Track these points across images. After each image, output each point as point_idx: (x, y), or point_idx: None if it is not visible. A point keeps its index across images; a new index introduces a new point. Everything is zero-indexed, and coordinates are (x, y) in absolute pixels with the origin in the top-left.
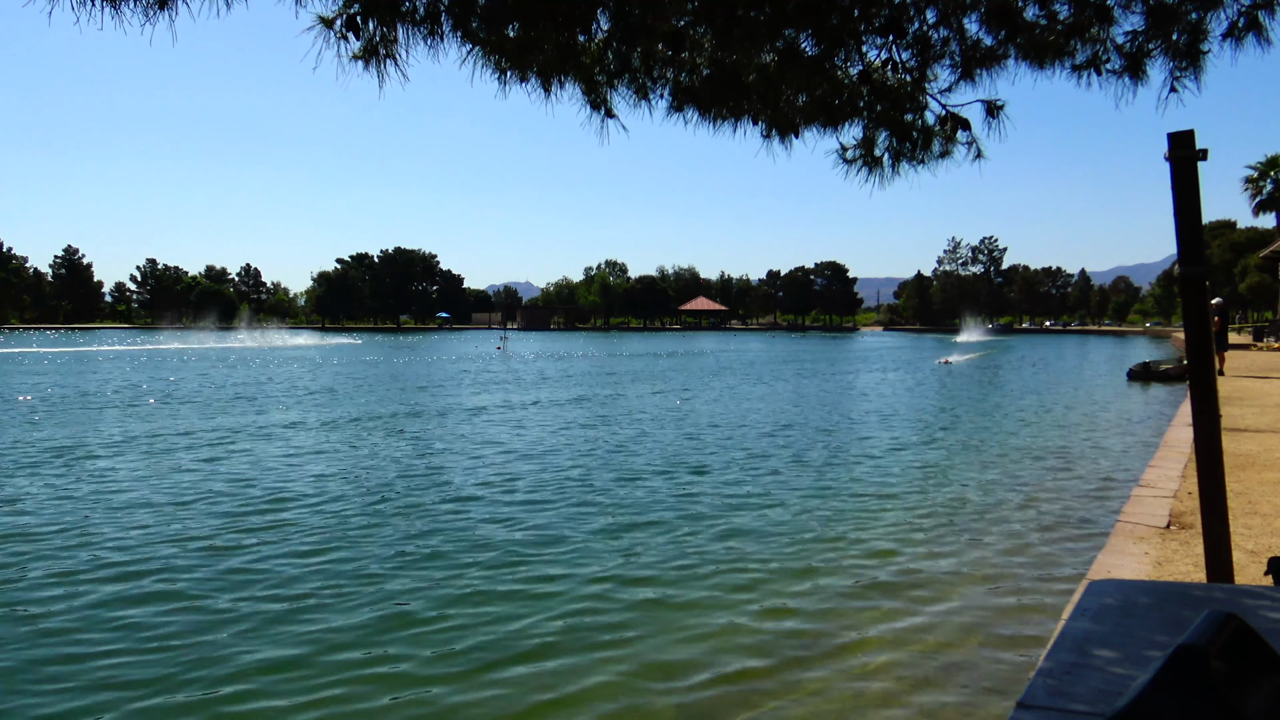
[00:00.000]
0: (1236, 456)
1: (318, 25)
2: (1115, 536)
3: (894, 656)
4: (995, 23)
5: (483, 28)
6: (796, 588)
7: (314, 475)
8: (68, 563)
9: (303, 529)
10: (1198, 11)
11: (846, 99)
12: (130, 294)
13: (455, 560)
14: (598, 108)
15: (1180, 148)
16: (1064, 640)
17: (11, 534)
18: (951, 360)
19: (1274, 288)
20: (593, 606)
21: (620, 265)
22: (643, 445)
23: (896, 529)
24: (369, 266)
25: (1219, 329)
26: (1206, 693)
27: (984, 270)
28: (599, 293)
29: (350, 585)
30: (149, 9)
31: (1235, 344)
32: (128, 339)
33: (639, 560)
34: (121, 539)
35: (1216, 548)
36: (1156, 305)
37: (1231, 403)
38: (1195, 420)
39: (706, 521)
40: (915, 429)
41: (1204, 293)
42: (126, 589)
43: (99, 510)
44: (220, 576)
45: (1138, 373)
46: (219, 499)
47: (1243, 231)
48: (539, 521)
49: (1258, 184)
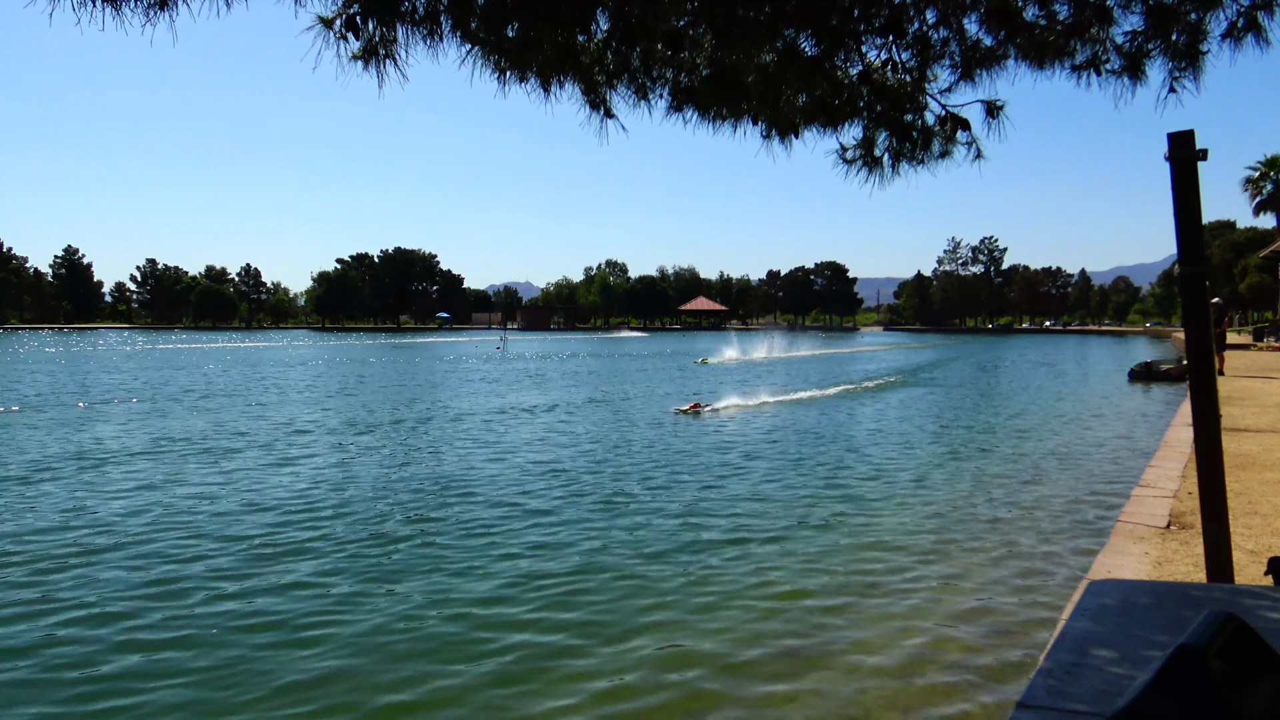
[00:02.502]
0: (1236, 456)
1: (317, 25)
2: (1115, 536)
3: (894, 656)
4: (995, 23)
5: (482, 28)
6: (795, 588)
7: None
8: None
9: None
10: (1197, 12)
11: (846, 99)
12: (130, 294)
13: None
14: (597, 108)
15: (1180, 148)
16: (1064, 640)
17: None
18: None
19: (1274, 288)
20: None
21: (620, 265)
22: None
23: (896, 528)
24: (369, 266)
25: (1219, 331)
26: (1206, 693)
27: (984, 270)
28: (599, 293)
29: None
30: (149, 9)
31: (1235, 344)
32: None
33: (621, 553)
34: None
35: (1216, 548)
36: (1156, 305)
37: (1231, 403)
38: (1195, 420)
39: (709, 523)
40: (914, 428)
41: (1204, 293)
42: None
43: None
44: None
45: (1139, 373)
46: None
47: (1243, 231)
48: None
49: (1258, 184)
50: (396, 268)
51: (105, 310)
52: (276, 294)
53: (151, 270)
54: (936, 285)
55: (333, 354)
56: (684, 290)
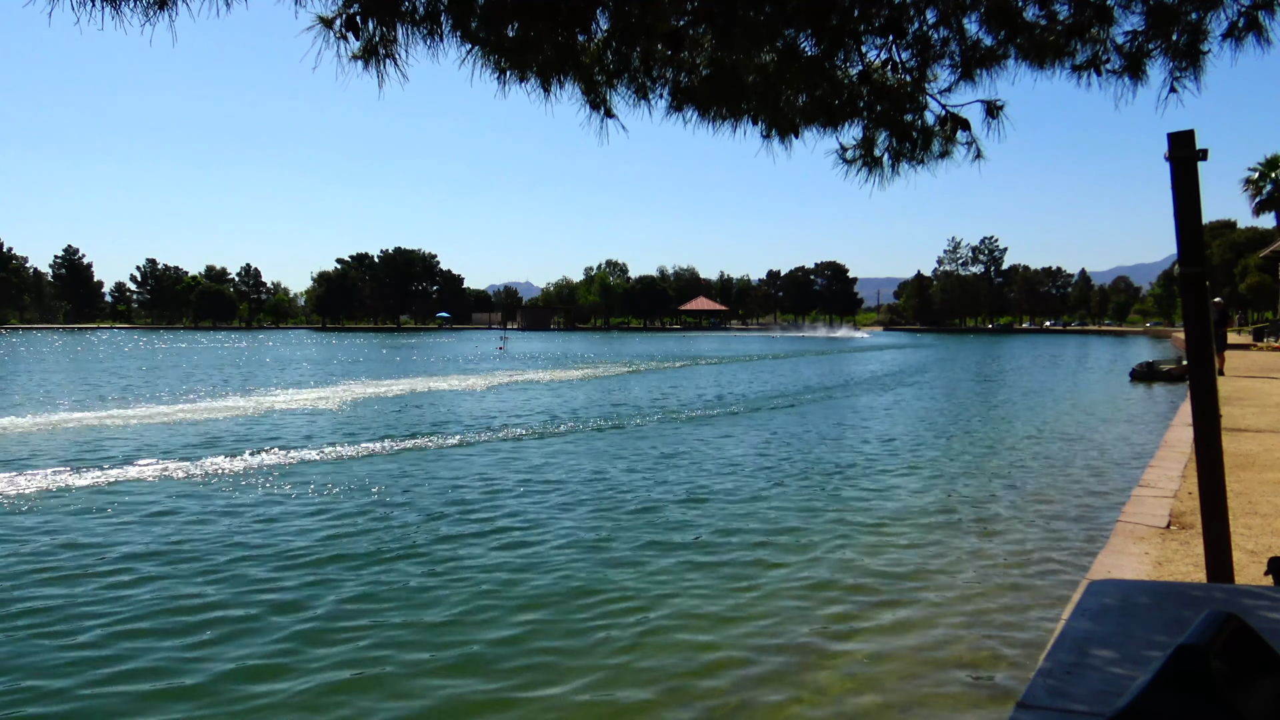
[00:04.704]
0: (1236, 456)
1: (317, 25)
2: (1115, 536)
3: (894, 656)
4: (995, 23)
5: (482, 28)
6: (795, 587)
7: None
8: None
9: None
10: (1198, 11)
11: (846, 99)
12: (130, 294)
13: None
14: (597, 108)
15: (1180, 148)
16: (1064, 640)
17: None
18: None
19: (1274, 288)
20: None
21: (620, 265)
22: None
23: (895, 528)
24: (369, 266)
25: (1221, 331)
26: (1206, 693)
27: (984, 270)
28: (599, 293)
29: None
30: (149, 9)
31: (1235, 344)
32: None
33: (617, 552)
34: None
35: (1216, 548)
36: (1156, 305)
37: (1231, 403)
38: (1195, 420)
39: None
40: (913, 427)
41: (1204, 293)
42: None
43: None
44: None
45: (1141, 373)
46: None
47: (1243, 231)
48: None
49: (1258, 184)
50: (396, 268)
51: (105, 310)
52: (276, 294)
53: (151, 270)
54: (936, 285)
55: (351, 353)
56: (684, 290)
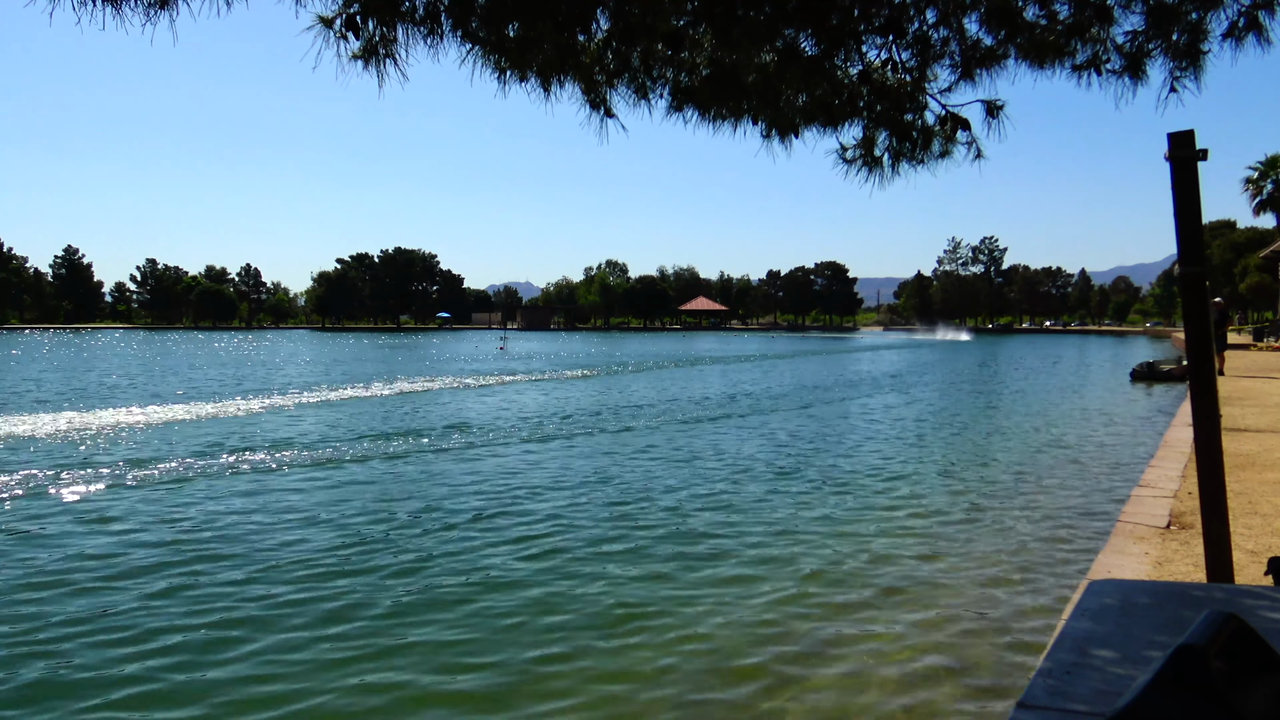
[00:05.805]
0: (1236, 456)
1: (317, 25)
2: (1115, 536)
3: (894, 656)
4: (995, 23)
5: (482, 27)
6: (794, 587)
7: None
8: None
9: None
10: (1198, 11)
11: (846, 99)
12: (130, 294)
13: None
14: (597, 107)
15: (1180, 148)
16: (1064, 640)
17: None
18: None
19: (1274, 288)
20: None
21: (620, 265)
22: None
23: (895, 528)
24: (369, 266)
25: (1222, 331)
26: (1206, 693)
27: (984, 270)
28: (599, 293)
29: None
30: (149, 9)
31: (1235, 344)
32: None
33: (616, 552)
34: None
35: (1216, 548)
36: (1156, 305)
37: (1231, 403)
38: (1195, 420)
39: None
40: (913, 427)
41: (1204, 293)
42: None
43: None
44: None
45: (1141, 373)
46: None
47: (1243, 231)
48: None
49: (1258, 184)
50: (396, 268)
51: (105, 310)
52: (276, 294)
53: (151, 270)
54: (937, 285)
55: (357, 353)
56: (684, 290)
